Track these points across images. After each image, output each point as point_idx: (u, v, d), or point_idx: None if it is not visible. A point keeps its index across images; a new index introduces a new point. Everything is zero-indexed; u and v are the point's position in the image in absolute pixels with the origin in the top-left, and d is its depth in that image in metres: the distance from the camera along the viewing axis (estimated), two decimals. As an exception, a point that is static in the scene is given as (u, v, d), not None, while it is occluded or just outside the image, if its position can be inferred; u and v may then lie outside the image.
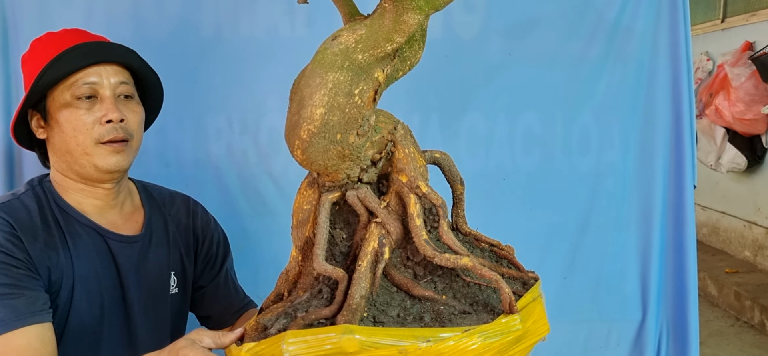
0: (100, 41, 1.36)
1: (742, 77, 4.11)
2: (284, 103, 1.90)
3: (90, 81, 1.27)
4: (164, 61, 1.80)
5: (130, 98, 1.35)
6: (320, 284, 0.94)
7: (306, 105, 0.90)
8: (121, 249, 1.34)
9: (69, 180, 1.32)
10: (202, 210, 1.55)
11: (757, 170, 4.33)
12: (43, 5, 1.78)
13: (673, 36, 1.94)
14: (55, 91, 1.27)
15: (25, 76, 1.34)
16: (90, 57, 1.28)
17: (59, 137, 1.28)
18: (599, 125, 1.97)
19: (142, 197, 1.45)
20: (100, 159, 1.27)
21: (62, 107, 1.26)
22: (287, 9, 1.85)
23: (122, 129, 1.29)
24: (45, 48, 1.31)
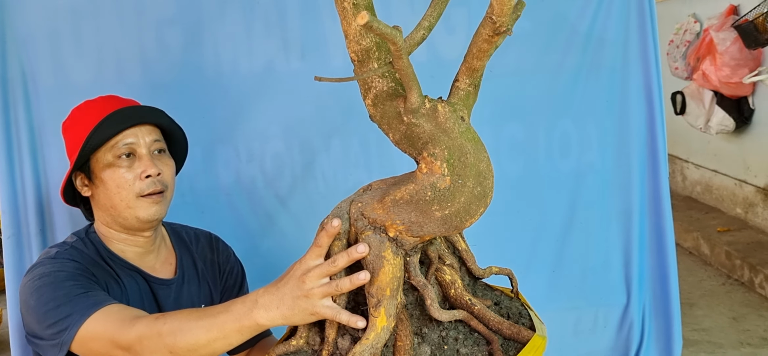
0: (135, 106, 1.52)
1: (727, 42, 4.21)
2: (285, 130, 2.09)
3: (128, 142, 1.43)
4: (171, 101, 1.97)
5: (163, 152, 1.51)
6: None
7: (488, 178, 1.01)
8: (161, 291, 1.52)
9: (113, 231, 1.48)
10: (223, 244, 1.71)
11: (746, 131, 4.46)
12: (57, 58, 1.92)
13: (643, 42, 2.08)
14: (98, 153, 1.42)
15: (68, 141, 1.50)
16: (128, 121, 1.44)
17: (104, 194, 1.43)
18: (578, 129, 2.12)
19: (173, 239, 1.62)
20: (142, 211, 1.43)
21: (106, 167, 1.42)
22: (281, 45, 2.00)
23: (159, 182, 1.44)
24: (85, 116, 1.47)
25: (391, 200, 1.03)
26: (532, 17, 2.05)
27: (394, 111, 1.03)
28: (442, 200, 0.99)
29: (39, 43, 1.91)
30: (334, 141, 2.06)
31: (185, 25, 1.96)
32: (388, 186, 1.07)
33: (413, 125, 1.00)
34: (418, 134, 1.00)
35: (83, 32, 1.92)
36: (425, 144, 1.01)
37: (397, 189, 1.04)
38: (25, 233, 1.93)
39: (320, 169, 2.07)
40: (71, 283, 1.30)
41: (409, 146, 1.04)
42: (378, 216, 1.04)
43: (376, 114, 1.05)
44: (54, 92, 1.91)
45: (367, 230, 1.04)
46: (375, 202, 1.04)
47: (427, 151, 1.01)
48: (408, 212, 1.01)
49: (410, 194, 1.01)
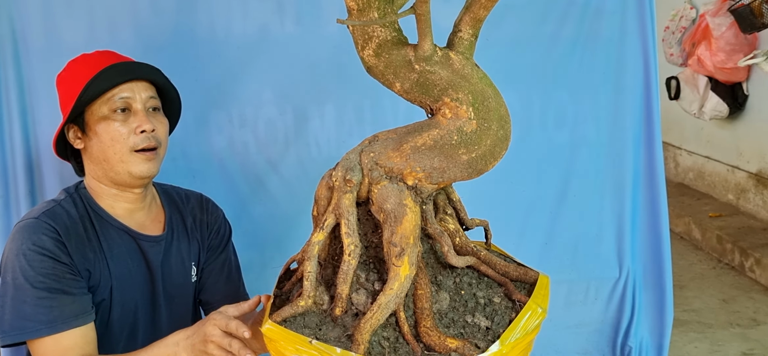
0: (132, 61, 1.51)
1: (722, 27, 4.21)
2: (279, 96, 2.07)
3: (124, 96, 1.43)
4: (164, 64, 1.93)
5: (158, 110, 1.51)
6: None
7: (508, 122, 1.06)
8: (149, 248, 1.52)
9: (103, 186, 1.48)
10: (213, 205, 1.71)
11: (739, 117, 4.47)
12: (49, 17, 1.89)
13: (640, 14, 2.07)
14: (93, 105, 1.42)
15: (62, 93, 1.49)
16: (124, 75, 1.44)
17: (98, 147, 1.43)
18: (573, 100, 2.12)
19: (162, 198, 1.62)
20: (135, 166, 1.43)
21: (100, 119, 1.42)
22: (276, 8, 1.98)
23: (153, 138, 1.45)
24: (81, 68, 1.46)
25: (411, 147, 1.03)
26: (530, -14, 2.04)
27: (402, 59, 1.03)
28: (469, 144, 1.01)
29: (30, 1, 1.88)
30: (328, 107, 2.04)
31: (178, -15, 1.93)
32: (402, 135, 1.06)
33: (428, 72, 1.02)
34: (435, 81, 1.02)
35: (75, -9, 1.89)
36: (445, 90, 1.03)
37: (417, 136, 1.04)
38: (14, 194, 1.91)
39: (313, 135, 2.05)
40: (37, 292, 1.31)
41: (423, 93, 1.04)
42: (395, 165, 1.03)
43: (379, 64, 1.04)
44: (45, 52, 1.88)
45: (383, 180, 1.04)
46: (390, 151, 1.04)
47: (449, 96, 1.03)
48: (431, 158, 1.02)
49: (434, 140, 1.02)
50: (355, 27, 1.04)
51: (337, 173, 1.05)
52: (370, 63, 1.06)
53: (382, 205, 1.03)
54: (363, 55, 1.05)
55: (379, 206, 1.04)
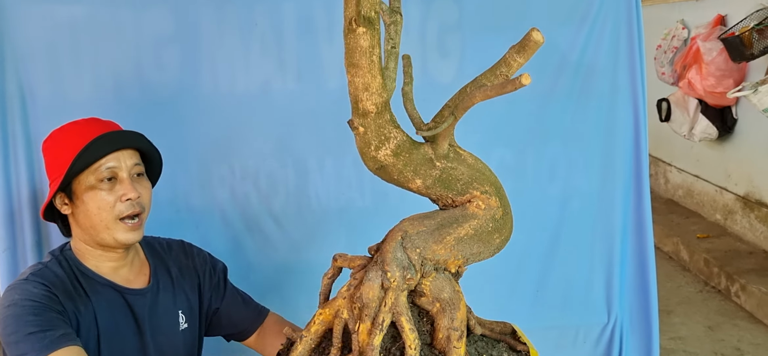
0: (118, 130, 1.56)
1: (713, 52, 4.29)
2: (280, 149, 2.13)
3: (110, 166, 1.49)
4: (168, 118, 2.02)
5: (142, 175, 1.57)
6: None
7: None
8: (135, 301, 1.58)
9: (89, 247, 1.55)
10: (196, 249, 1.78)
11: (728, 139, 4.55)
12: (55, 74, 1.94)
13: (631, 71, 2.13)
14: (81, 175, 1.48)
15: (48, 161, 1.56)
16: (111, 146, 1.50)
17: (84, 214, 1.50)
18: (566, 153, 2.18)
19: (145, 251, 1.68)
20: (120, 235, 1.50)
21: (87, 189, 1.48)
22: (278, 65, 2.03)
23: (138, 204, 1.52)
24: (69, 138, 1.51)
25: (455, 239, 1.12)
26: (525, 45, 2.10)
27: (422, 157, 1.11)
28: (500, 229, 1.15)
29: (37, 58, 1.92)
30: (328, 160, 2.10)
31: (183, 44, 1.98)
32: (439, 226, 1.13)
33: (450, 168, 1.11)
34: (457, 177, 1.12)
35: (81, 48, 1.94)
36: (469, 184, 1.14)
37: (457, 227, 1.13)
38: (21, 245, 1.97)
39: (314, 188, 2.11)
40: (33, 319, 1.36)
41: (445, 188, 1.13)
42: (441, 256, 1.12)
43: (397, 163, 1.10)
44: (51, 108, 1.94)
45: (432, 273, 1.12)
46: (433, 244, 1.12)
47: (477, 189, 1.14)
48: (471, 246, 1.13)
49: (474, 230, 1.13)
50: (368, 130, 1.10)
51: (395, 274, 1.09)
52: (387, 162, 1.12)
53: (438, 295, 1.12)
54: (378, 155, 1.10)
55: (434, 297, 1.12)
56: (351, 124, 1.09)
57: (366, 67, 1.04)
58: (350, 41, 1.02)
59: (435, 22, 2.07)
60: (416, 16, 2.04)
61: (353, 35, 1.01)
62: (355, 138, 1.12)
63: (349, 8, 0.99)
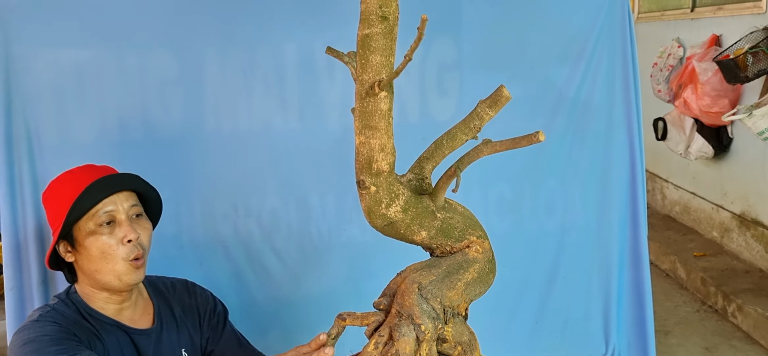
0: (112, 174, 1.60)
1: (708, 72, 4.33)
2: (282, 187, 2.17)
3: (108, 210, 1.52)
4: (173, 156, 2.06)
5: (141, 216, 1.60)
6: None
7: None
8: (141, 341, 1.60)
9: (94, 291, 1.57)
10: (200, 288, 1.80)
11: (724, 158, 4.59)
12: (61, 115, 1.98)
13: (626, 108, 2.18)
14: (80, 222, 1.51)
15: (49, 212, 1.59)
16: (106, 191, 1.53)
17: (87, 260, 1.52)
18: (563, 189, 2.22)
19: (149, 291, 1.71)
20: (124, 276, 1.53)
21: (88, 235, 1.51)
22: (280, 105, 2.07)
23: (139, 245, 1.54)
24: (65, 188, 1.55)
25: (464, 284, 1.19)
26: (523, 83, 2.14)
27: (426, 210, 1.17)
28: (493, 269, 1.25)
29: (44, 101, 1.96)
30: (329, 198, 2.14)
31: (187, 85, 2.02)
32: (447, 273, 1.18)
33: (448, 218, 1.19)
34: (454, 225, 1.20)
35: (87, 91, 1.97)
36: (465, 231, 1.21)
37: (463, 273, 1.19)
38: (27, 284, 2.00)
39: (315, 224, 2.14)
40: (55, 348, 1.38)
41: (445, 237, 1.20)
42: (455, 301, 1.18)
43: (406, 218, 1.16)
44: (57, 149, 1.97)
45: (451, 318, 1.17)
46: (447, 291, 1.18)
47: (473, 235, 1.22)
48: (475, 288, 1.21)
49: (478, 273, 1.20)
50: (380, 188, 1.14)
51: (427, 326, 1.12)
52: (396, 218, 1.17)
53: (459, 339, 1.17)
54: (389, 212, 1.15)
55: (456, 341, 1.17)
56: (362, 184, 1.13)
57: (384, 129, 1.09)
58: (370, 105, 1.06)
59: (434, 61, 2.11)
60: (416, 55, 2.07)
61: (374, 99, 1.05)
62: (364, 198, 1.15)
63: (370, 72, 1.03)
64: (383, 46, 1.04)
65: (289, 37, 2.02)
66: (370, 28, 1.02)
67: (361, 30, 1.03)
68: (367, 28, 1.02)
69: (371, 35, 1.03)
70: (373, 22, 1.02)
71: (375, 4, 1.01)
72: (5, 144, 1.94)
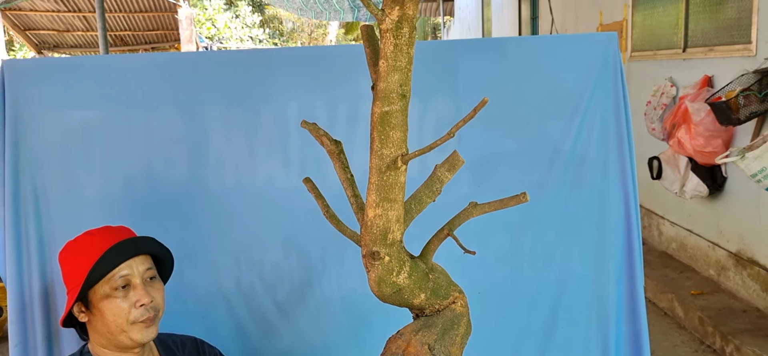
0: (129, 238, 1.64)
1: (701, 113, 4.40)
2: (284, 241, 2.19)
3: (124, 274, 1.57)
4: (177, 212, 2.09)
5: (154, 278, 1.64)
6: None
7: None
8: None
9: (107, 351, 1.61)
10: (208, 346, 1.85)
11: (719, 196, 4.65)
12: (67, 173, 2.02)
13: (621, 161, 2.22)
14: (96, 286, 1.56)
15: (65, 272, 1.63)
16: (124, 255, 1.58)
17: (101, 321, 1.57)
18: (560, 240, 2.25)
19: (159, 349, 1.75)
20: (136, 335, 1.58)
21: (103, 298, 1.55)
22: (283, 162, 2.11)
23: (152, 308, 1.60)
24: (83, 250, 1.59)
25: (461, 336, 1.27)
26: (519, 138, 2.19)
27: (423, 273, 1.24)
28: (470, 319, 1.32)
29: (50, 159, 2.00)
30: (330, 251, 2.17)
31: (191, 143, 2.06)
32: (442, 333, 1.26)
33: (437, 278, 1.27)
34: (441, 284, 1.28)
35: (93, 149, 2.02)
36: (448, 288, 1.30)
37: (458, 327, 1.28)
38: (32, 341, 2.01)
39: (317, 277, 2.17)
40: None
41: (435, 297, 1.27)
42: (457, 354, 1.26)
43: (410, 283, 1.22)
44: (64, 206, 2.01)
45: None
46: (451, 348, 1.25)
47: (455, 291, 1.31)
48: (465, 339, 1.29)
49: (466, 326, 1.29)
50: (392, 258, 1.20)
51: None
52: (404, 284, 1.23)
53: None
54: (398, 280, 1.21)
55: None
56: (376, 255, 1.18)
57: (400, 201, 1.15)
58: (390, 178, 1.12)
59: (432, 118, 2.16)
60: (414, 112, 2.13)
61: (395, 173, 1.11)
62: (375, 269, 1.20)
63: (391, 147, 1.09)
64: (402, 122, 1.10)
65: (291, 96, 2.08)
66: (390, 106, 1.08)
67: (380, 107, 1.08)
68: (387, 105, 1.08)
69: (391, 112, 1.08)
70: (394, 100, 1.07)
71: (396, 83, 1.07)
72: (12, 202, 1.97)
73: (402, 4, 1.04)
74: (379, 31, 1.10)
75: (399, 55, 1.07)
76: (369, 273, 1.23)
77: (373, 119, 1.11)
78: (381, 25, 1.06)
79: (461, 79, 2.18)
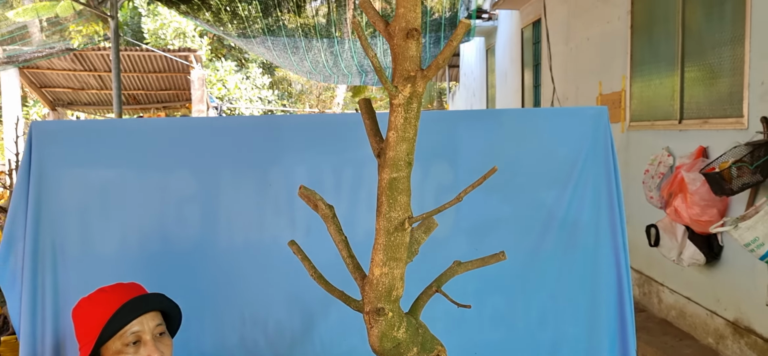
0: (140, 296, 1.73)
1: (697, 182, 4.51)
2: (288, 298, 2.28)
3: (135, 330, 1.66)
4: (188, 268, 2.19)
5: (164, 334, 1.73)
6: None
7: None
8: None
9: None
10: None
11: (716, 265, 4.71)
12: (85, 229, 2.12)
13: (612, 226, 2.32)
14: (108, 342, 1.64)
15: (78, 328, 1.72)
16: (135, 312, 1.67)
17: None
18: (554, 302, 2.34)
19: None
20: None
21: (114, 354, 1.64)
22: (289, 222, 2.22)
23: None
24: (95, 307, 1.69)
25: None
26: (515, 204, 2.30)
27: (415, 328, 1.36)
28: None
29: (70, 216, 2.11)
30: (332, 309, 2.25)
31: (203, 202, 2.18)
32: None
33: (424, 332, 1.39)
34: (427, 338, 1.38)
35: (111, 207, 2.13)
36: (433, 342, 1.41)
37: None
38: (44, 391, 2.09)
39: (318, 335, 2.25)
40: None
41: (423, 350, 1.39)
42: None
43: (407, 337, 1.34)
44: (80, 261, 2.11)
45: None
46: None
47: (439, 345, 1.42)
48: None
49: None
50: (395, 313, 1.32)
51: None
52: (402, 338, 1.33)
53: None
54: (398, 334, 1.32)
55: None
56: (381, 311, 1.28)
57: (404, 260, 1.25)
58: (397, 239, 1.22)
59: (432, 183, 2.27)
60: (415, 179, 2.24)
61: (402, 233, 1.22)
62: (378, 324, 1.30)
63: (398, 211, 1.20)
64: (407, 187, 1.21)
65: (299, 160, 2.20)
66: (398, 173, 1.20)
67: (389, 173, 1.20)
68: (395, 172, 1.19)
69: (399, 178, 1.20)
70: (401, 167, 1.19)
71: (404, 152, 1.19)
72: (32, 255, 2.08)
73: (413, 83, 1.17)
74: (389, 104, 1.22)
75: (408, 127, 1.19)
76: (372, 329, 1.32)
77: (382, 184, 1.22)
78: (393, 99, 1.19)
79: (461, 147, 2.31)
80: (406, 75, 1.18)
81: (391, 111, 1.23)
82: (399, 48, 1.18)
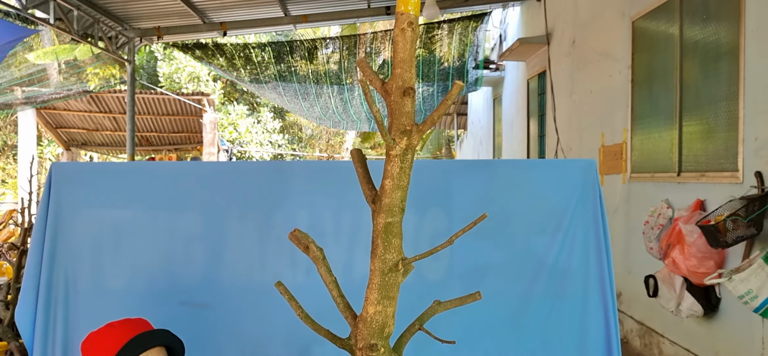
0: (146, 332, 1.84)
1: (694, 234, 4.59)
2: (287, 336, 2.37)
3: None
4: (192, 305, 2.29)
5: None
6: None
7: None
8: None
9: None
10: None
11: (714, 317, 4.75)
12: (97, 265, 2.25)
13: (600, 274, 2.42)
14: None
15: None
16: (140, 348, 1.77)
17: None
18: (544, 347, 2.42)
19: None
20: None
21: None
22: (290, 262, 2.33)
23: None
24: (102, 342, 1.80)
25: None
26: (506, 251, 2.40)
27: None
28: None
29: (83, 253, 2.24)
30: (329, 347, 2.34)
31: (209, 241, 2.30)
32: None
33: None
34: None
35: (122, 245, 2.26)
36: None
37: None
38: (51, 419, 2.18)
39: (315, 369, 2.34)
40: None
41: None
42: None
43: None
44: (90, 295, 2.23)
45: None
46: None
47: None
48: None
49: None
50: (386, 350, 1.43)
51: None
52: None
53: None
54: None
55: None
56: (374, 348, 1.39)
57: (396, 299, 1.36)
58: (390, 279, 1.34)
59: (428, 229, 2.39)
60: (411, 224, 2.36)
61: (396, 274, 1.33)
62: None
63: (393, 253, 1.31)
64: (400, 231, 1.33)
65: (302, 204, 2.33)
66: (393, 218, 1.32)
67: (384, 218, 1.32)
68: (390, 217, 1.31)
69: (393, 223, 1.32)
70: (395, 213, 1.31)
71: (398, 199, 1.31)
72: (46, 288, 2.20)
73: (409, 136, 1.30)
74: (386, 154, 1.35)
75: (402, 176, 1.32)
76: None
77: (377, 228, 1.34)
78: (390, 150, 1.32)
79: (455, 195, 2.43)
80: (402, 129, 1.31)
81: (387, 161, 1.35)
82: (396, 105, 1.31)
